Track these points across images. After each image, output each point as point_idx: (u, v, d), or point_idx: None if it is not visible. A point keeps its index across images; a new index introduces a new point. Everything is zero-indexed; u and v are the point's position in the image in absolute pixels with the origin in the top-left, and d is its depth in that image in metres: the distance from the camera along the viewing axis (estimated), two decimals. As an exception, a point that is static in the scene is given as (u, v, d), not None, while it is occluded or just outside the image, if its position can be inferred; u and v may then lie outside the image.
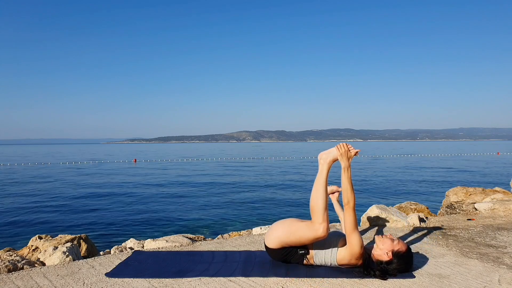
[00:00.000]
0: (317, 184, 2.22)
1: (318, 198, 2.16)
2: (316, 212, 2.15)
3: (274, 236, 2.27)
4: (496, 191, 4.93)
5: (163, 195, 12.90)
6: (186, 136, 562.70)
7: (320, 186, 2.20)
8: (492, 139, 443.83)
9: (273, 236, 2.27)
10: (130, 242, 3.17)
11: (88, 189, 14.91)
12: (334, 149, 2.31)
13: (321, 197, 2.16)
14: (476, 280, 2.10)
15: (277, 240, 2.25)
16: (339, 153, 2.27)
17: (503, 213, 3.99)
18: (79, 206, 10.80)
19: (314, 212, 2.16)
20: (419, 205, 4.58)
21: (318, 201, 2.15)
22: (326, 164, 2.29)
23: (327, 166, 2.29)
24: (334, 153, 2.30)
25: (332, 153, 2.31)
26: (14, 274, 2.23)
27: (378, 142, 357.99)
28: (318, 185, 2.21)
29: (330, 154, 2.32)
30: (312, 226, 2.15)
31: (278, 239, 2.25)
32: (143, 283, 2.08)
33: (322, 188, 2.19)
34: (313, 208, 2.17)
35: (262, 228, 3.47)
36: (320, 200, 2.15)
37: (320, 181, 2.22)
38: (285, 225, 2.28)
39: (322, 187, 2.19)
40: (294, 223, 2.25)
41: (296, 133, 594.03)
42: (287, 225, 2.27)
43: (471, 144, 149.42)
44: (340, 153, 2.26)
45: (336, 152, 2.29)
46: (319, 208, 2.14)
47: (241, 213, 9.48)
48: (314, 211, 2.16)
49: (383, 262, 2.14)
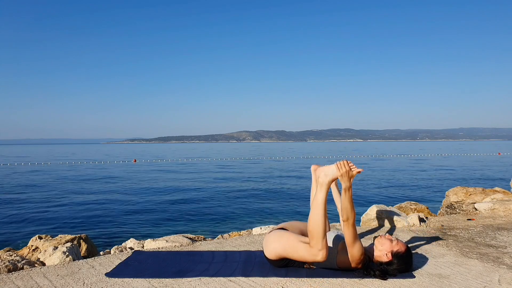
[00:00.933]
0: (316, 208, 2.01)
1: (317, 223, 1.98)
2: (315, 237, 1.99)
3: (272, 248, 2.20)
4: (496, 191, 4.93)
5: (163, 195, 12.90)
6: (186, 136, 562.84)
7: (319, 210, 2.00)
8: (492, 139, 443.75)
9: (271, 248, 2.21)
10: (130, 242, 3.17)
11: (88, 189, 14.92)
12: (334, 167, 2.08)
13: (320, 222, 1.98)
14: (476, 280, 2.10)
15: (275, 253, 2.20)
16: (339, 173, 2.04)
17: (503, 213, 3.99)
18: (79, 206, 10.80)
19: (312, 237, 2.00)
20: (419, 205, 4.58)
21: (317, 226, 1.98)
22: (325, 185, 2.06)
23: (326, 187, 2.06)
24: (334, 172, 2.07)
25: (331, 171, 2.08)
26: (14, 274, 2.23)
27: (378, 142, 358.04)
28: (317, 209, 2.00)
29: (329, 172, 2.09)
30: (311, 251, 2.03)
31: (275, 252, 2.19)
32: (143, 283, 2.08)
33: (321, 212, 1.99)
34: (312, 232, 2.00)
35: (262, 228, 3.47)
36: (319, 225, 1.98)
37: (318, 204, 2.02)
38: (282, 240, 2.16)
39: (321, 211, 1.99)
40: (292, 241, 2.12)
41: (296, 133, 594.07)
42: (285, 241, 2.15)
43: (471, 144, 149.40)
44: (340, 173, 2.04)
45: (336, 171, 2.06)
46: (318, 234, 1.98)
47: (241, 213, 9.48)
48: (313, 236, 2.00)
49: (383, 262, 2.14)
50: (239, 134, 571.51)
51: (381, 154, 47.87)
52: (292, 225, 2.43)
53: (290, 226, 2.41)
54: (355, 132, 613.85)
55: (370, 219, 3.61)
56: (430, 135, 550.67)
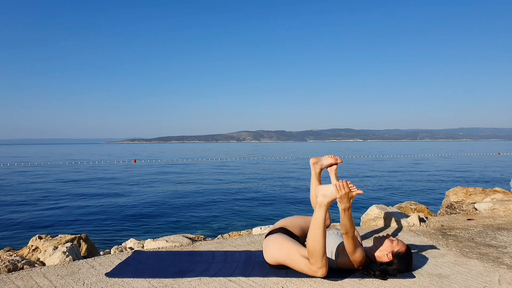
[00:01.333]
0: (315, 228, 1.96)
1: (316, 243, 1.95)
2: (315, 256, 1.97)
3: (271, 255, 2.20)
4: (496, 191, 4.93)
5: (163, 195, 12.90)
6: (186, 136, 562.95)
7: (318, 231, 1.95)
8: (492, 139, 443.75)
9: (271, 255, 2.20)
10: (130, 242, 3.17)
11: (88, 189, 14.91)
12: (333, 188, 1.99)
13: (319, 242, 1.94)
14: (476, 280, 2.10)
15: (275, 260, 2.19)
16: (338, 195, 1.96)
17: (503, 213, 3.99)
18: (79, 206, 10.80)
19: (312, 256, 1.98)
20: (419, 205, 4.58)
21: (317, 245, 1.95)
22: (324, 206, 1.99)
23: (325, 208, 1.99)
24: (333, 193, 1.98)
25: (330, 192, 1.99)
26: (14, 274, 2.23)
27: (378, 142, 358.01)
28: (315, 229, 1.95)
29: (327, 193, 2.00)
30: (310, 267, 2.01)
31: (275, 260, 2.19)
32: (143, 283, 2.07)
33: (320, 232, 1.95)
34: (311, 252, 1.97)
35: (262, 228, 3.47)
36: (318, 245, 1.95)
37: (317, 224, 1.96)
38: (283, 249, 2.14)
39: (320, 232, 1.95)
40: (293, 253, 2.09)
41: (296, 133, 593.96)
42: (285, 251, 2.12)
43: (471, 144, 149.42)
44: (340, 196, 1.96)
45: (335, 193, 1.97)
46: (317, 254, 1.95)
47: (241, 213, 9.48)
48: (313, 255, 1.97)
49: (383, 263, 2.14)
50: (239, 134, 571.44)
51: (381, 154, 47.86)
52: (293, 223, 2.42)
53: (291, 225, 2.40)
54: (355, 132, 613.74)
55: (370, 219, 3.61)
56: (430, 135, 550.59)
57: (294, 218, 2.48)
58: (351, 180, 2.06)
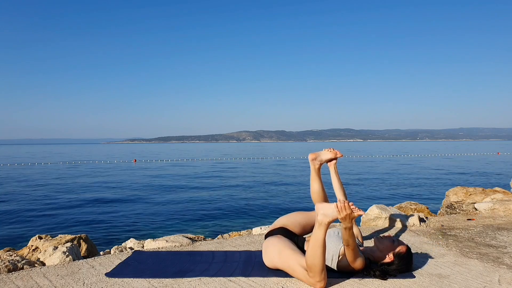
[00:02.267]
0: (315, 247, 1.94)
1: (316, 259, 1.94)
2: (314, 272, 1.95)
3: (270, 260, 2.20)
4: (496, 191, 4.93)
5: (163, 195, 12.90)
6: (186, 136, 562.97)
7: (318, 249, 1.94)
8: (492, 139, 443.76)
9: (270, 260, 2.20)
10: (130, 242, 3.17)
11: (88, 189, 14.91)
12: (334, 208, 1.95)
13: (319, 259, 1.94)
14: (476, 280, 2.09)
15: (273, 266, 2.20)
16: (339, 216, 1.93)
17: (503, 213, 3.99)
18: (79, 206, 10.80)
19: (311, 270, 1.97)
20: (419, 205, 4.58)
21: (317, 262, 1.94)
22: (324, 225, 1.96)
23: (325, 227, 1.96)
24: (334, 213, 1.95)
25: (331, 212, 1.96)
26: (14, 274, 2.23)
27: (378, 142, 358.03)
28: (316, 248, 1.94)
29: (328, 213, 1.97)
30: (309, 280, 2.00)
31: (274, 265, 2.19)
32: (143, 283, 2.07)
33: (320, 250, 1.94)
34: (311, 267, 1.96)
35: (262, 228, 3.47)
36: (318, 262, 1.94)
37: (317, 243, 1.95)
38: (282, 256, 2.13)
39: (320, 249, 1.94)
40: (292, 263, 2.08)
41: (296, 133, 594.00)
42: (284, 259, 2.11)
43: (471, 144, 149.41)
44: (341, 217, 1.94)
45: (335, 213, 1.94)
46: (316, 269, 1.95)
47: (241, 213, 9.48)
48: (312, 270, 1.96)
49: (383, 263, 2.14)
50: (239, 134, 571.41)
51: (381, 154, 47.86)
52: (293, 221, 2.41)
53: (290, 223, 2.39)
54: (355, 132, 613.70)
55: (370, 219, 3.61)
56: (430, 135, 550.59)
57: (294, 215, 2.47)
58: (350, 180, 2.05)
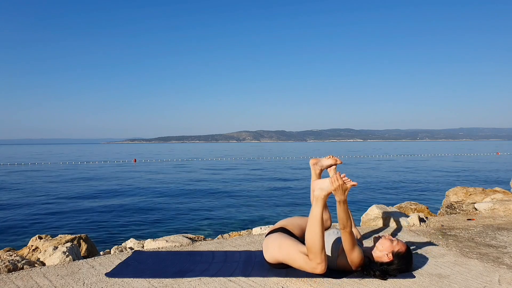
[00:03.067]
0: (313, 223, 1.97)
1: (314, 238, 1.96)
2: (314, 252, 1.97)
3: (271, 254, 2.20)
4: (496, 191, 4.93)
5: (163, 195, 12.90)
6: (186, 136, 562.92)
7: (316, 226, 1.96)
8: (492, 139, 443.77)
9: (271, 255, 2.21)
10: (130, 242, 3.17)
11: (88, 189, 14.92)
12: (328, 181, 2.03)
13: (318, 237, 1.96)
14: (476, 280, 2.10)
15: (275, 259, 2.20)
16: (333, 187, 2.00)
17: (503, 213, 3.99)
18: (79, 206, 10.80)
19: (311, 252, 1.99)
20: (419, 205, 4.58)
21: (315, 241, 1.96)
22: (320, 199, 2.02)
23: (322, 202, 2.02)
24: (329, 186, 2.02)
25: (326, 185, 2.03)
26: (14, 274, 2.23)
27: (378, 142, 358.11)
28: (313, 225, 1.97)
29: (324, 187, 2.04)
30: (310, 264, 2.02)
31: (275, 259, 2.19)
32: (143, 283, 2.07)
33: (318, 227, 1.96)
34: (310, 247, 1.98)
35: (262, 228, 3.47)
36: (317, 240, 1.96)
37: (315, 219, 1.98)
38: (282, 248, 2.15)
39: (318, 226, 1.96)
40: (292, 251, 2.10)
41: (296, 133, 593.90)
42: (285, 250, 2.13)
43: (471, 144, 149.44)
44: (334, 188, 2.00)
45: (330, 185, 2.01)
46: (316, 249, 1.96)
47: (241, 213, 9.48)
48: (311, 251, 1.98)
49: (383, 263, 2.14)
50: (239, 134, 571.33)
51: (381, 154, 47.86)
52: (293, 223, 2.42)
53: (291, 225, 2.40)
54: (355, 132, 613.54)
55: (370, 219, 3.61)
56: (430, 135, 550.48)
57: (294, 219, 2.49)
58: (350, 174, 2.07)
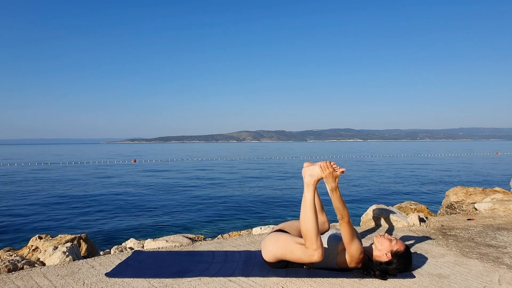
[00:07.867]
0: (305, 208, 2.04)
1: (308, 223, 2.00)
2: (309, 238, 2.01)
3: (269, 251, 2.21)
4: (496, 191, 4.94)
5: (163, 195, 12.90)
6: (186, 136, 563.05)
7: (308, 210, 2.02)
8: (492, 139, 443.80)
9: (269, 251, 2.21)
10: (130, 242, 3.17)
11: (88, 189, 14.92)
12: (318, 168, 2.10)
13: (311, 222, 2.00)
14: (476, 280, 2.10)
15: (273, 256, 2.20)
16: (323, 174, 2.06)
17: (503, 213, 3.99)
18: (79, 206, 10.80)
19: (306, 238, 2.02)
20: (419, 205, 4.58)
21: (308, 226, 2.00)
22: (311, 185, 2.11)
23: (312, 187, 2.10)
24: (318, 172, 2.09)
25: (316, 172, 2.11)
26: (14, 274, 2.23)
27: (378, 142, 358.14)
28: (305, 209, 2.03)
29: (313, 173, 2.11)
30: (306, 252, 2.04)
31: (273, 255, 2.20)
32: (143, 283, 2.08)
33: (310, 212, 2.02)
34: (305, 233, 2.02)
35: (262, 228, 3.47)
36: (310, 225, 1.99)
37: (307, 205, 2.04)
38: (279, 242, 2.17)
39: (311, 211, 2.02)
40: (289, 243, 2.13)
41: (296, 133, 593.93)
42: (281, 244, 2.16)
43: (471, 144, 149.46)
44: (324, 175, 2.05)
45: (320, 172, 2.08)
46: (311, 234, 2.00)
47: (241, 213, 9.48)
48: (306, 236, 2.02)
49: (382, 262, 2.14)
50: (239, 134, 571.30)
51: (381, 154, 47.87)
52: (291, 226, 2.42)
53: (288, 227, 2.41)
54: (355, 132, 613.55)
55: (370, 219, 3.61)
56: (430, 135, 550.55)
57: (292, 222, 2.50)
58: (350, 181, 2.07)
